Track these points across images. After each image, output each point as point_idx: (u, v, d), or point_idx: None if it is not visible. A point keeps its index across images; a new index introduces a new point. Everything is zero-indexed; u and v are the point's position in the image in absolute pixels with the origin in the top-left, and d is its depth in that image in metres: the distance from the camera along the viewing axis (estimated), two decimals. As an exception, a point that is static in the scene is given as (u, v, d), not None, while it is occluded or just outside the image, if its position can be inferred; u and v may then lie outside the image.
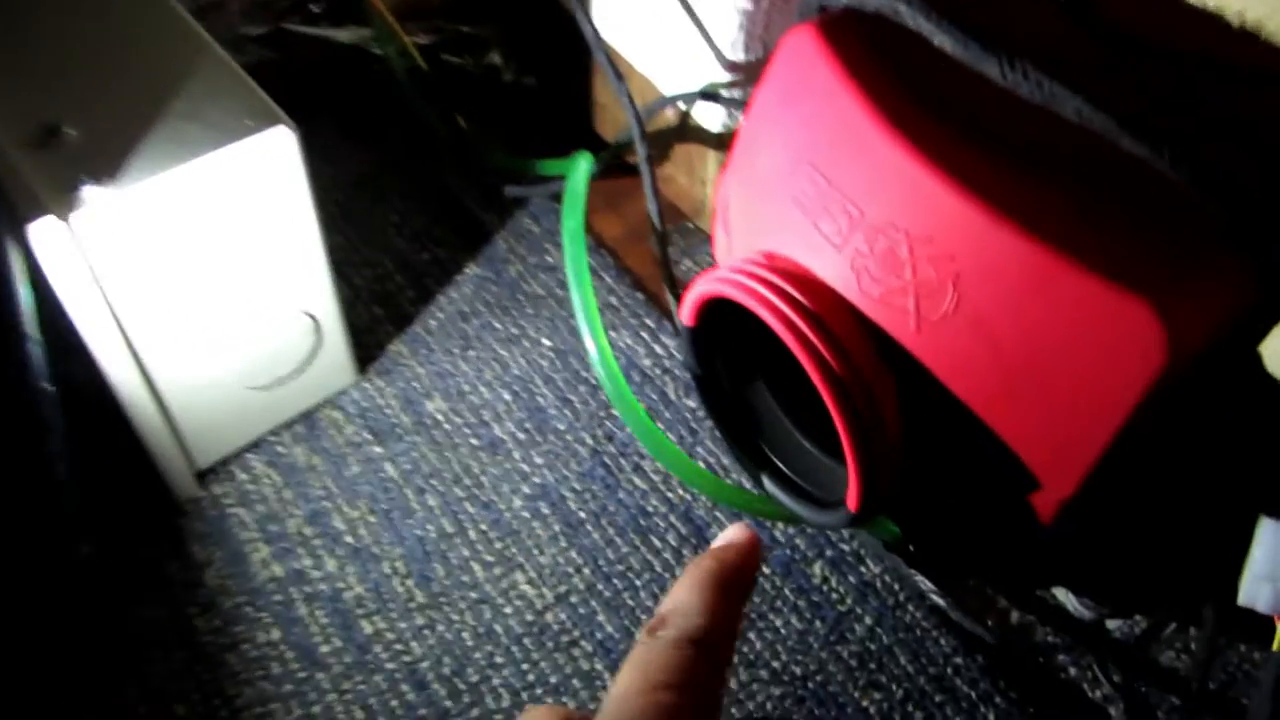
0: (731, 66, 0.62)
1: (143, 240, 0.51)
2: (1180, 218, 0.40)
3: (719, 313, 0.52)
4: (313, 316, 0.61)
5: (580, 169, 0.62)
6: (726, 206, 0.54)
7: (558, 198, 0.68)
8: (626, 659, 0.28)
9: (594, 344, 0.59)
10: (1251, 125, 0.42)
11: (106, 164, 0.50)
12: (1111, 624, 0.59)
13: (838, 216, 0.45)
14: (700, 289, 0.50)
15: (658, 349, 0.69)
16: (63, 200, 0.48)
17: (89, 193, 0.49)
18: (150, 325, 0.54)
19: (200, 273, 0.54)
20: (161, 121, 0.52)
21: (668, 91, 0.67)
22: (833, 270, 0.46)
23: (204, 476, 0.63)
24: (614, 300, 0.72)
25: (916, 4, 0.43)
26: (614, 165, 0.77)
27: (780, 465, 0.56)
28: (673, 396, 0.67)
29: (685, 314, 0.52)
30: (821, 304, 0.45)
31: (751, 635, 0.58)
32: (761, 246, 0.50)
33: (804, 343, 0.44)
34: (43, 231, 0.47)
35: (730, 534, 0.32)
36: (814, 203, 0.46)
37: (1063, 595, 0.60)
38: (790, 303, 0.45)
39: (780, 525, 0.62)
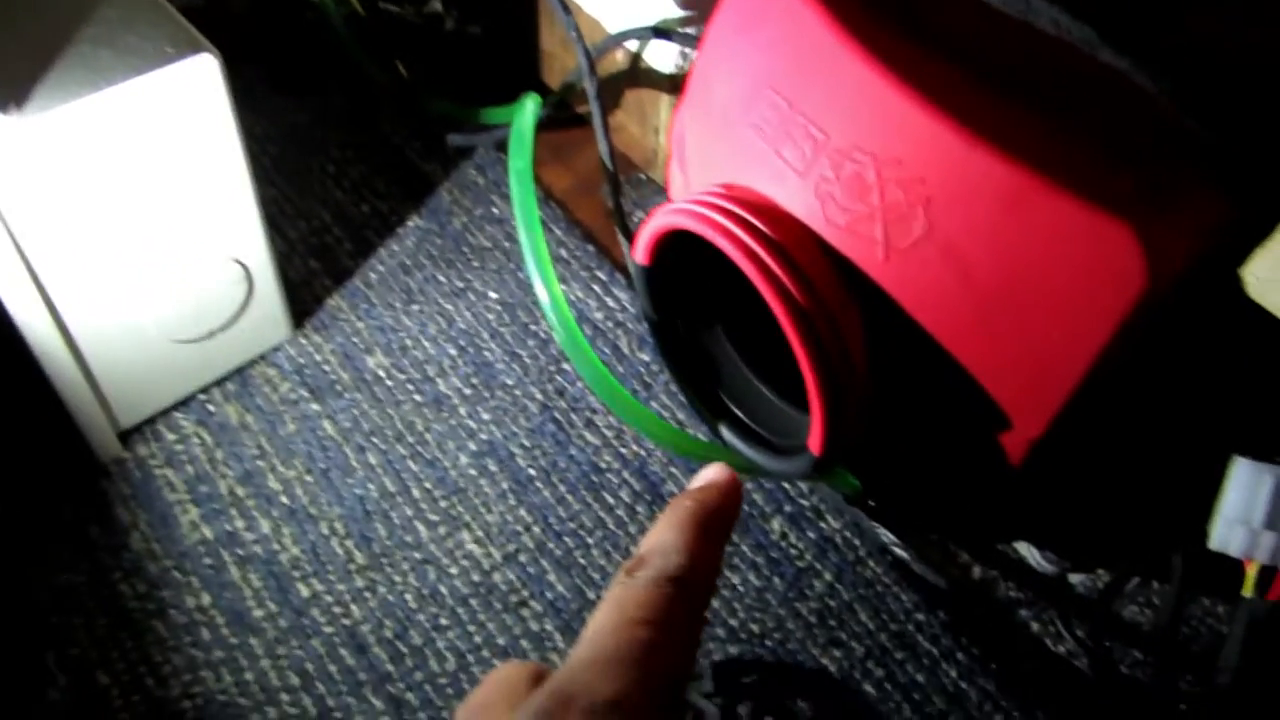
0: (684, 2, 0.60)
1: (54, 174, 0.47)
2: (1159, 139, 0.38)
3: (675, 252, 0.49)
4: (243, 265, 0.58)
5: (527, 109, 0.60)
6: (682, 142, 0.52)
7: (503, 147, 0.66)
8: (603, 598, 0.27)
9: (545, 289, 0.56)
10: (1234, 46, 0.40)
11: (13, 91, 0.46)
12: (1074, 578, 0.58)
13: (801, 142, 0.43)
14: (656, 223, 0.47)
15: (610, 302, 0.67)
16: (-36, 128, 0.44)
17: (-6, 121, 0.45)
18: (63, 268, 0.50)
19: (118, 213, 0.51)
20: (74, 48, 0.49)
21: (616, 32, 0.64)
22: (796, 198, 0.43)
23: (128, 436, 0.59)
24: (564, 253, 0.69)
25: (883, -86, 0.40)
26: (562, 116, 0.74)
27: (739, 414, 0.53)
28: (626, 350, 0.65)
29: (639, 252, 0.50)
30: (784, 233, 0.43)
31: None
32: (721, 179, 0.47)
33: (766, 273, 0.42)
34: (-58, 161, 0.43)
35: (709, 474, 0.31)
36: (775, 129, 0.44)
37: (1025, 549, 0.59)
38: (751, 231, 0.42)
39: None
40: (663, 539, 0.28)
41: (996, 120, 0.39)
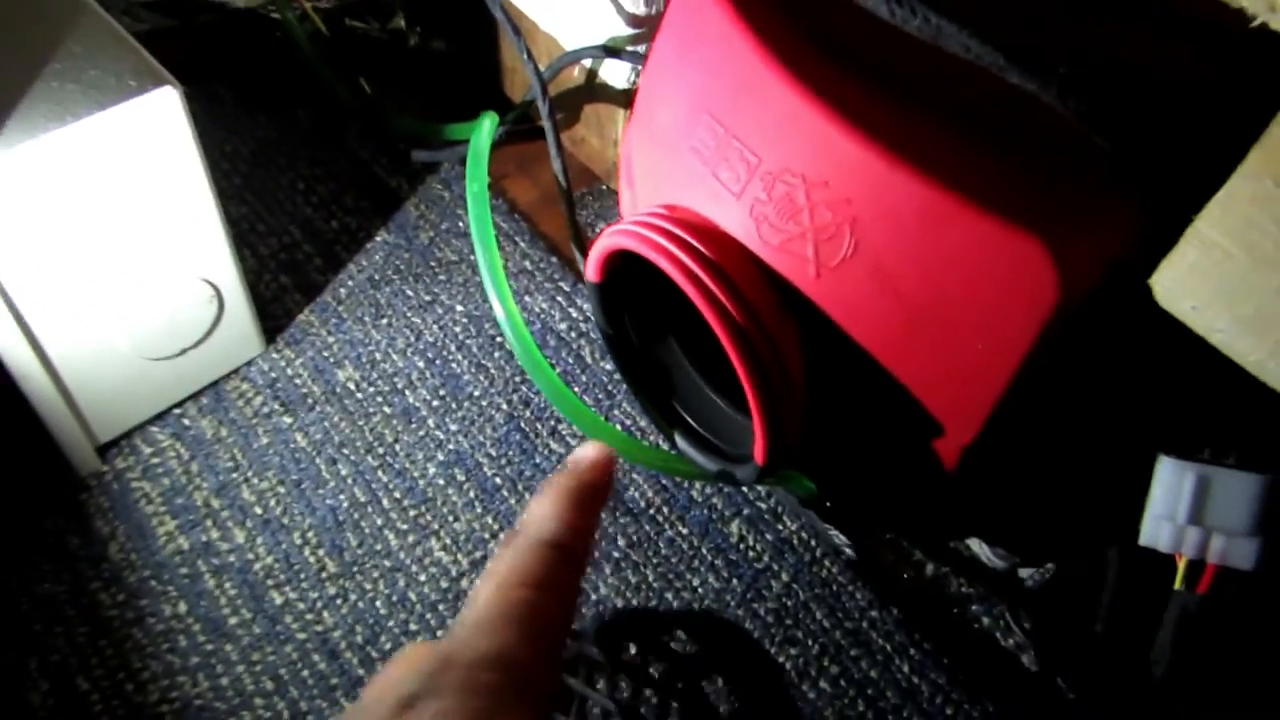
0: (633, 20, 0.62)
1: (24, 205, 0.49)
2: (1069, 155, 0.40)
3: (627, 268, 0.51)
4: (213, 284, 0.59)
5: (484, 129, 0.61)
6: (630, 162, 0.54)
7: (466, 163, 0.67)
8: (485, 568, 0.29)
9: (501, 307, 0.58)
10: (1142, 61, 0.42)
11: (-18, 126, 0.48)
12: (1024, 573, 0.60)
13: (736, 165, 0.45)
14: (604, 243, 0.49)
15: (573, 313, 0.69)
16: (-65, 163, 0.46)
17: (-36, 155, 0.47)
18: (37, 292, 0.52)
19: (89, 239, 0.52)
20: (41, 84, 0.50)
21: (572, 49, 0.66)
22: (733, 219, 0.45)
23: (106, 450, 0.61)
24: (528, 265, 0.71)
25: (807, -54, 0.42)
26: (525, 129, 0.76)
27: (692, 422, 0.55)
28: (589, 360, 0.67)
29: (590, 270, 0.52)
30: (722, 253, 0.45)
31: (669, 595, 0.58)
32: (664, 199, 0.49)
33: (704, 293, 0.44)
34: (-86, 196, 0.45)
35: (582, 451, 0.33)
36: (713, 152, 0.46)
37: (976, 546, 0.61)
38: (690, 252, 0.44)
39: (699, 485, 0.62)
40: (539, 510, 0.29)
41: (915, 141, 0.41)
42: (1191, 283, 0.38)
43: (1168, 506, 0.46)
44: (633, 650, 0.52)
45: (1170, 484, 0.45)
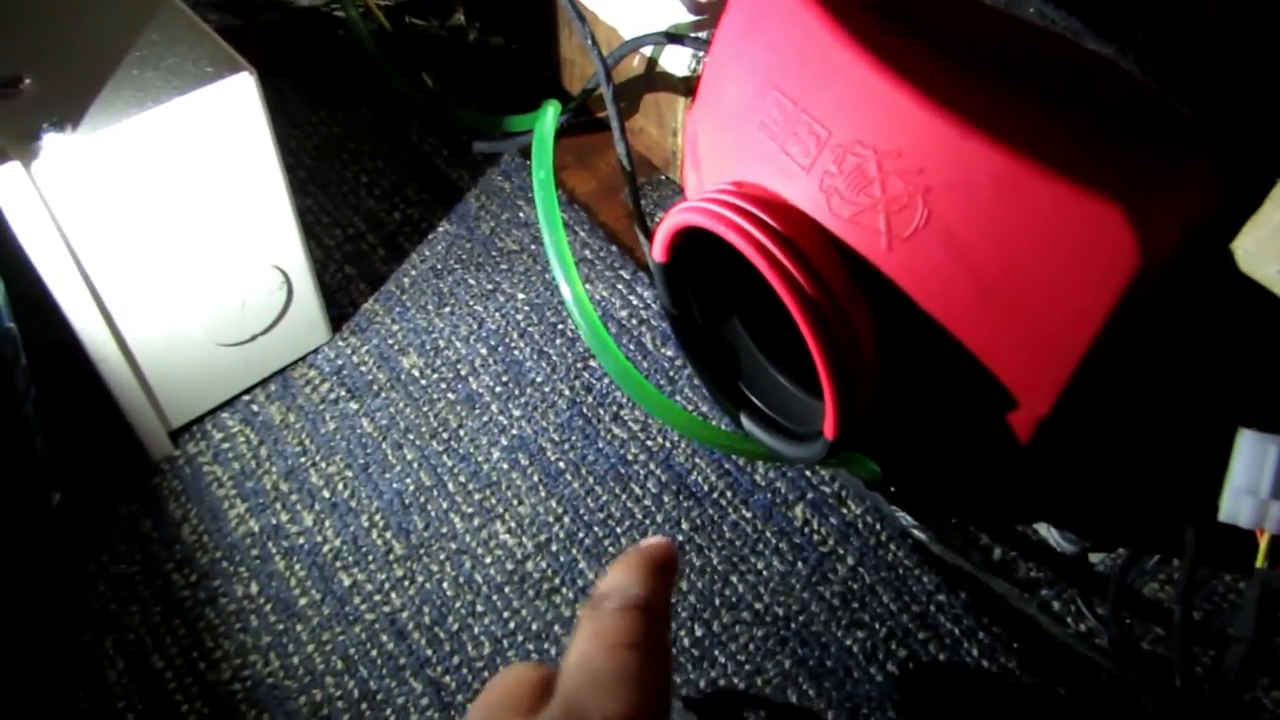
0: (694, 6, 0.62)
1: (106, 188, 0.50)
2: (1147, 120, 0.40)
3: (691, 249, 0.52)
4: (283, 271, 0.61)
5: (548, 116, 0.62)
6: (695, 143, 0.54)
7: (527, 153, 0.68)
8: (577, 628, 0.29)
9: (569, 288, 0.58)
10: (1216, 25, 0.41)
11: (68, 112, 0.49)
12: (1094, 557, 0.59)
13: (805, 138, 0.45)
14: (671, 221, 0.49)
15: (634, 300, 0.69)
16: (24, 148, 0.47)
17: (51, 140, 0.48)
18: (117, 277, 0.53)
19: (166, 223, 0.54)
20: (123, 71, 0.52)
21: (632, 37, 0.66)
22: (803, 193, 0.45)
23: (178, 435, 0.62)
24: (588, 254, 0.71)
25: (878, -82, 0.42)
26: (584, 121, 0.76)
27: (757, 403, 0.55)
28: (650, 346, 0.67)
29: (657, 250, 0.52)
30: (792, 227, 0.45)
31: (734, 578, 0.58)
32: (732, 177, 0.49)
33: (775, 265, 0.44)
34: (4, 179, 0.46)
35: (646, 542, 0.35)
36: (781, 127, 0.46)
37: (1045, 530, 0.60)
38: (760, 226, 0.45)
39: (761, 469, 0.62)
40: (620, 578, 0.31)
41: (988, 109, 0.40)
42: (1276, 246, 0.37)
43: (1249, 480, 0.45)
44: None
45: (1252, 457, 0.45)
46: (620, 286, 0.70)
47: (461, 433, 0.63)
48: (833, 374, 0.44)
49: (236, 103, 0.52)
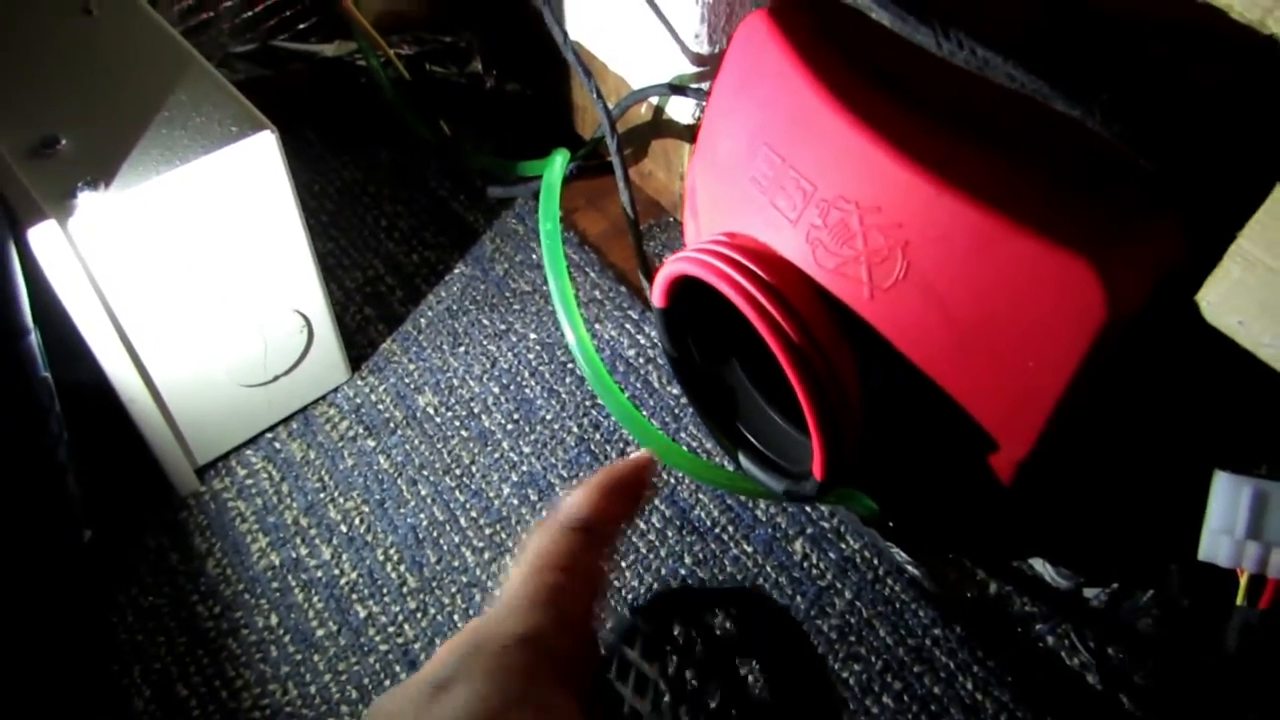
0: (697, 59, 0.65)
1: (137, 242, 0.53)
2: (1114, 176, 0.42)
3: (690, 293, 0.54)
4: (304, 316, 0.63)
5: (556, 165, 0.65)
6: (694, 193, 0.56)
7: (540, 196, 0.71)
8: (516, 552, 0.30)
9: (573, 334, 0.61)
10: (1180, 82, 0.43)
11: (101, 171, 0.52)
12: (1089, 592, 0.61)
13: (793, 193, 0.47)
14: (667, 269, 0.52)
15: (641, 339, 0.71)
16: (61, 206, 0.50)
17: (85, 198, 0.51)
18: (146, 323, 0.56)
19: (193, 272, 0.57)
20: (152, 130, 0.55)
21: (640, 87, 0.69)
22: (790, 245, 0.48)
23: (204, 472, 0.65)
24: (598, 294, 0.74)
25: (857, -16, 0.45)
26: (595, 165, 0.79)
27: (755, 442, 0.57)
28: (656, 385, 0.69)
29: (655, 296, 0.54)
30: (780, 277, 0.47)
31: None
32: (725, 228, 0.52)
33: (763, 314, 0.46)
34: (42, 236, 0.49)
35: (629, 457, 0.35)
36: (770, 181, 0.49)
37: (1040, 565, 0.61)
38: (749, 276, 0.47)
39: (763, 504, 0.64)
40: (571, 498, 0.31)
41: (963, 167, 0.43)
42: (1237, 298, 0.39)
43: (1225, 521, 0.46)
44: (676, 630, 0.52)
45: (1228, 498, 0.46)
46: (629, 326, 0.72)
47: (474, 469, 0.66)
48: (818, 416, 0.47)
49: (259, 159, 0.55)
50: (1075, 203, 0.41)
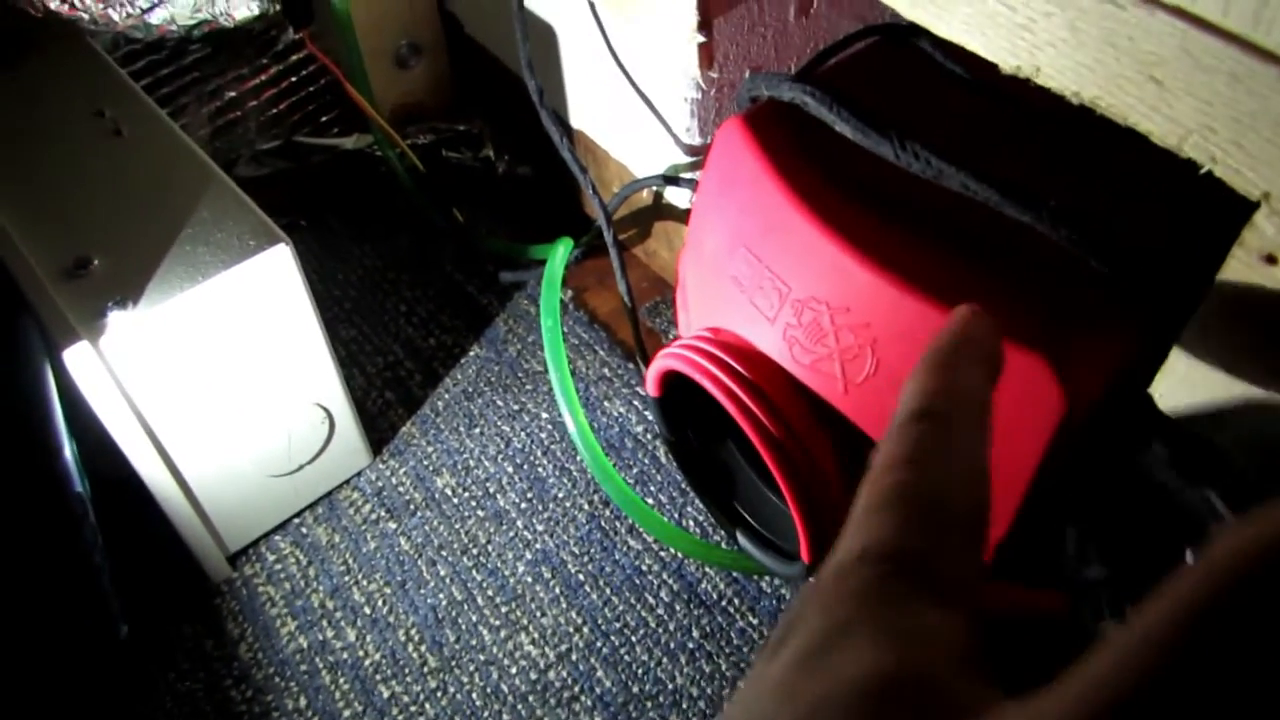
0: (690, 150, 0.68)
1: (164, 354, 0.57)
2: (1067, 277, 0.44)
3: (684, 381, 0.56)
4: (324, 408, 0.67)
5: (558, 256, 0.68)
6: (684, 285, 0.59)
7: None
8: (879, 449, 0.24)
9: (573, 423, 0.64)
10: (1129, 182, 0.45)
11: (130, 290, 0.56)
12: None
13: (769, 292, 0.50)
14: (656, 365, 0.54)
15: (649, 416, 0.74)
16: (92, 326, 0.54)
17: (115, 317, 0.55)
18: (176, 426, 0.60)
19: (218, 376, 0.60)
20: (177, 248, 0.59)
21: (640, 174, 0.72)
22: (769, 342, 0.50)
23: (235, 559, 0.69)
24: (607, 371, 0.77)
25: (818, 95, 0.47)
26: (603, 244, 0.82)
27: (752, 521, 0.60)
28: (664, 461, 0.72)
29: (649, 386, 0.57)
30: (760, 373, 0.49)
31: (741, 684, 0.62)
32: (711, 322, 0.54)
33: (743, 410, 0.49)
34: (77, 356, 0.53)
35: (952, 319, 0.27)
36: (750, 281, 0.51)
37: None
38: (730, 373, 0.49)
39: (768, 577, 0.66)
40: (904, 389, 0.25)
41: (925, 268, 0.45)
42: (1183, 394, 0.41)
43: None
44: None
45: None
46: (636, 403, 0.75)
47: (490, 548, 0.69)
48: (800, 506, 0.49)
49: (275, 271, 0.59)
50: (1032, 303, 0.44)
